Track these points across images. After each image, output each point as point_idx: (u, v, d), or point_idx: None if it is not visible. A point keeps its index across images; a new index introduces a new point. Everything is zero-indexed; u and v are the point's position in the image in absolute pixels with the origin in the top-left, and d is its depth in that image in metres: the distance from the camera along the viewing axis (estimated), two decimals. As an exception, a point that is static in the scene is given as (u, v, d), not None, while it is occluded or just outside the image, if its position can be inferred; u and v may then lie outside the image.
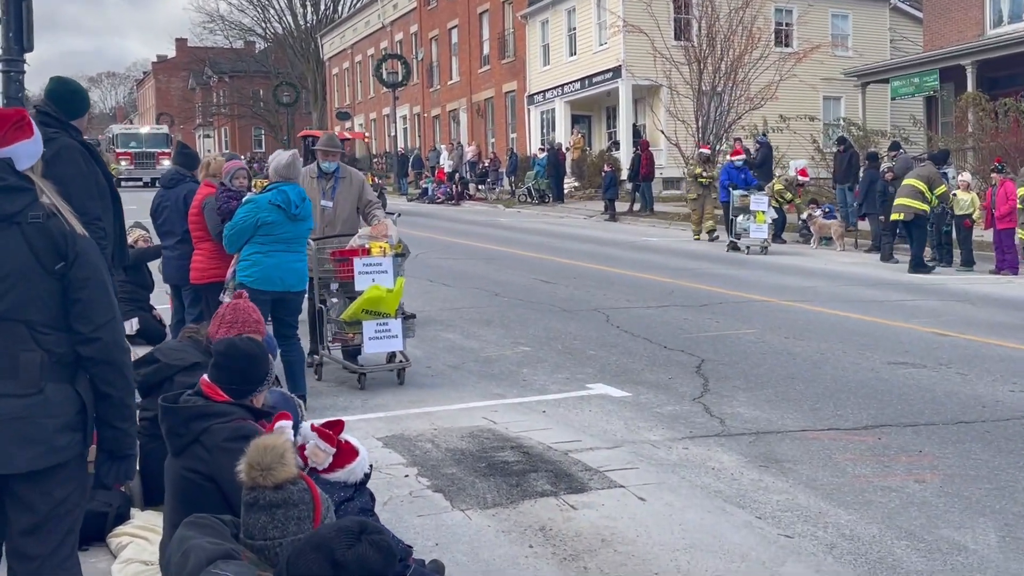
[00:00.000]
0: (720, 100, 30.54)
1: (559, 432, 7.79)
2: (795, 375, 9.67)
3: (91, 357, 3.56)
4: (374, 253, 9.23)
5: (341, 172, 10.08)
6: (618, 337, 11.59)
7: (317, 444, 4.65)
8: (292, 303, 8.35)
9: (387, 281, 9.17)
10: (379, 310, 9.11)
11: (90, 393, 3.58)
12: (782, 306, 13.77)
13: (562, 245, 22.54)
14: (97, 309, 3.56)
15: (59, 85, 6.11)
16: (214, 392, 4.64)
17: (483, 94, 49.14)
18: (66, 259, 3.53)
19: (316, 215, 9.82)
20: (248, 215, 8.13)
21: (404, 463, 7.00)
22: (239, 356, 4.69)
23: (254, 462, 3.84)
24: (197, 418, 4.52)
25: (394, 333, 9.20)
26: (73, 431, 3.55)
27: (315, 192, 9.88)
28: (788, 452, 7.26)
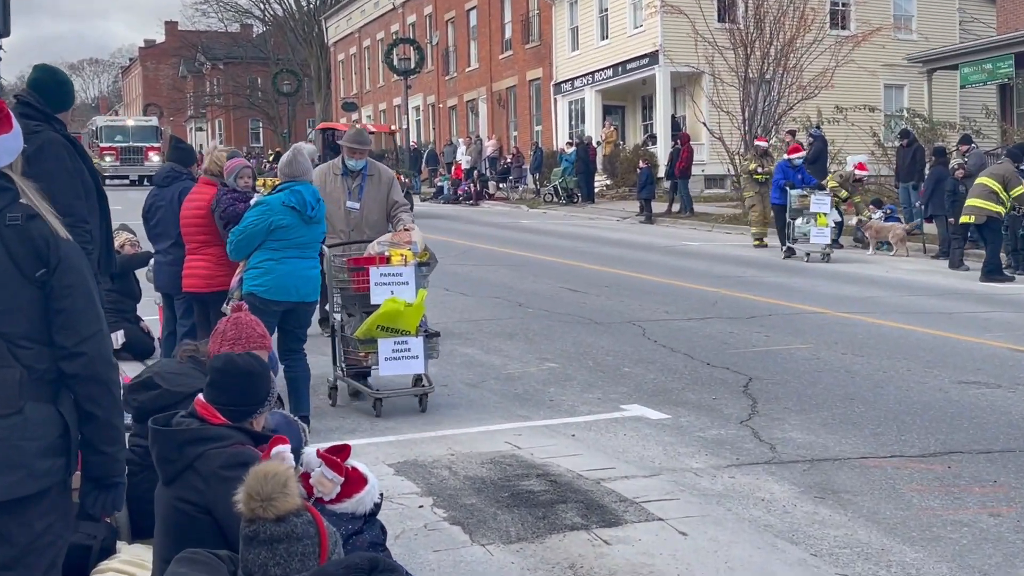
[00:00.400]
0: (769, 89, 30.43)
1: (590, 458, 7.77)
2: (854, 396, 9.63)
3: (75, 374, 3.57)
4: (394, 262, 9.04)
5: (369, 169, 10.00)
6: (655, 352, 11.57)
7: (323, 472, 4.65)
8: (303, 314, 8.40)
9: (407, 294, 8.97)
10: (397, 327, 8.88)
11: (74, 414, 3.60)
12: (839, 318, 13.71)
13: (592, 250, 22.51)
14: (82, 320, 3.58)
15: (44, 74, 6.15)
16: (210, 414, 4.66)
17: (505, 82, 49.23)
18: (48, 265, 3.55)
19: (340, 218, 9.86)
20: (260, 218, 8.16)
21: (418, 492, 7.00)
22: (237, 374, 4.71)
23: (254, 491, 3.84)
24: (191, 443, 4.53)
25: (414, 353, 8.96)
26: (55, 455, 3.56)
27: (339, 192, 9.83)
28: (847, 482, 7.21)
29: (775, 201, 21.79)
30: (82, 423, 3.61)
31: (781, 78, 30.14)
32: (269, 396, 4.80)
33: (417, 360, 9.00)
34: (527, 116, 47.96)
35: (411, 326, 8.92)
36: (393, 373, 9.11)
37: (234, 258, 8.48)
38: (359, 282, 9.12)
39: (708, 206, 32.97)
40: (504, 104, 49.82)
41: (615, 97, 42.42)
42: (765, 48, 30.25)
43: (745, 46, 30.42)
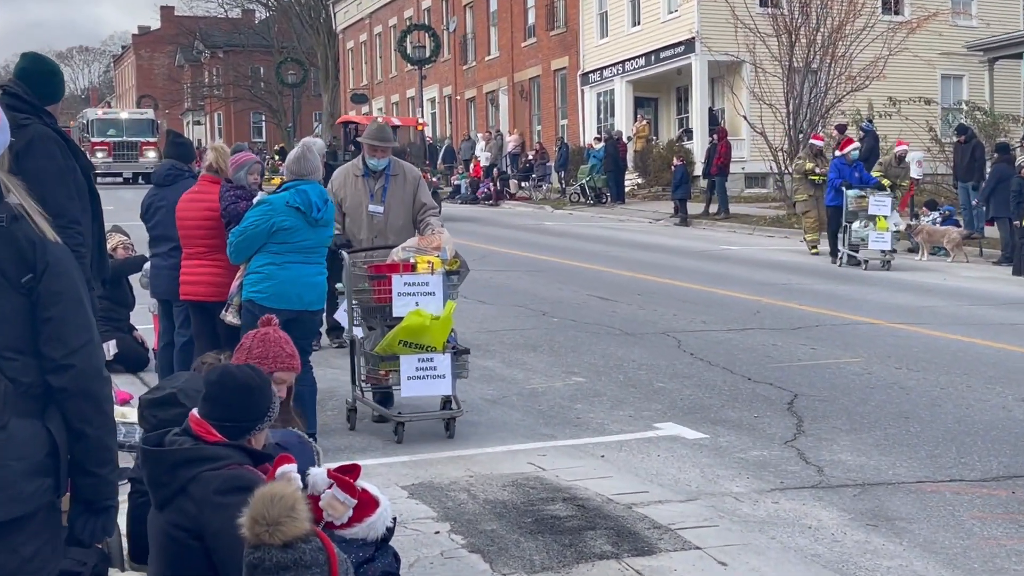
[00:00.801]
0: (815, 79, 30.41)
1: (621, 481, 7.75)
2: (909, 414, 9.59)
3: (63, 388, 3.57)
4: (420, 270, 8.78)
5: (393, 169, 9.77)
6: (692, 366, 11.55)
7: (335, 494, 4.64)
8: (308, 324, 8.39)
9: (433, 305, 8.70)
10: (421, 342, 8.66)
11: (63, 431, 3.60)
12: (892, 330, 13.66)
13: (623, 254, 22.49)
14: (71, 330, 3.58)
15: (33, 64, 6.18)
16: (204, 430, 4.65)
17: (528, 72, 49.28)
18: (35, 270, 3.55)
19: (362, 223, 9.66)
20: (261, 219, 8.17)
21: (434, 517, 7.00)
22: (235, 387, 4.70)
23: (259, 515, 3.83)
24: (184, 464, 4.52)
25: (440, 372, 8.71)
26: (43, 476, 3.57)
27: (361, 194, 9.65)
28: (901, 508, 7.18)
29: (830, 203, 21.08)
30: (71, 442, 3.61)
31: (829, 68, 30.12)
32: (270, 411, 4.80)
33: (444, 380, 8.75)
34: (552, 109, 47.99)
35: (437, 342, 8.71)
36: (416, 394, 8.89)
37: (234, 261, 8.49)
38: (380, 292, 8.87)
39: (749, 207, 32.91)
40: (527, 96, 49.87)
41: (647, 88, 42.40)
42: (811, 35, 30.22)
43: (790, 33, 30.41)
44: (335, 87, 71.20)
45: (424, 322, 8.59)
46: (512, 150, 45.13)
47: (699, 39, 36.19)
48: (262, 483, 4.52)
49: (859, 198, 20.43)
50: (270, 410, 4.79)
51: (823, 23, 30.22)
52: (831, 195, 20.95)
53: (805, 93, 30.31)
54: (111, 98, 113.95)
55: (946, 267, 20.70)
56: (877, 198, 20.36)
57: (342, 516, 4.65)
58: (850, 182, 20.62)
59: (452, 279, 9.00)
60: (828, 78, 30.24)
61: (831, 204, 21.04)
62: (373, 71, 67.17)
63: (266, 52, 79.27)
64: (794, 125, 30.02)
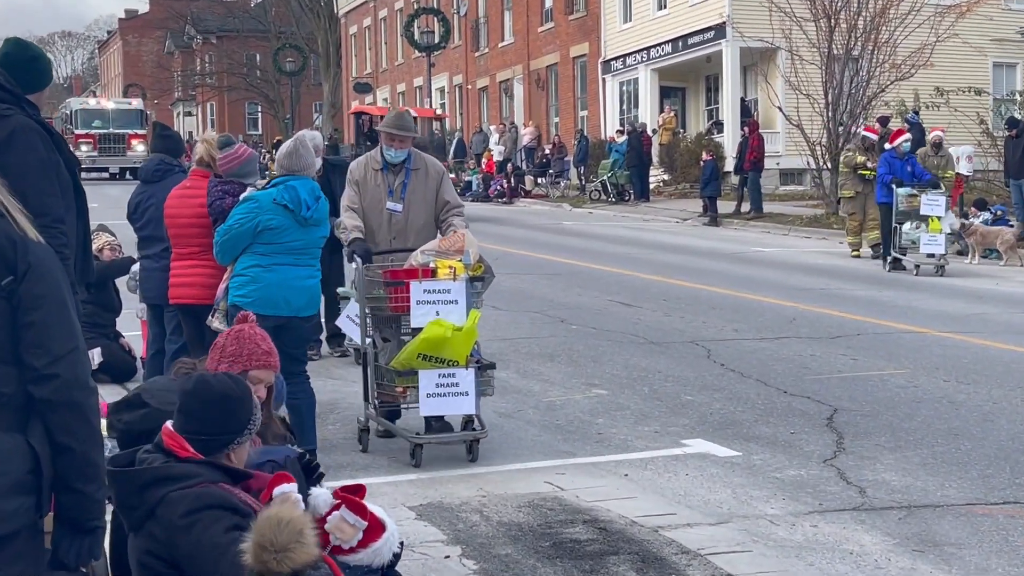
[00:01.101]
0: (856, 68, 30.34)
1: (646, 502, 7.75)
2: (959, 431, 9.56)
3: (46, 399, 3.58)
4: (440, 275, 8.54)
5: (414, 163, 9.48)
6: (722, 378, 11.54)
7: (344, 516, 4.63)
8: (299, 331, 8.39)
9: (455, 315, 8.50)
10: (442, 355, 8.44)
11: (46, 446, 3.61)
12: (940, 339, 13.63)
13: (647, 256, 22.48)
14: (54, 337, 3.59)
15: (15, 49, 6.16)
16: (178, 445, 4.63)
17: (545, 60, 49.32)
18: (15, 272, 3.56)
19: (380, 222, 9.39)
20: (246, 217, 8.17)
21: (444, 540, 7.00)
22: (211, 397, 4.69)
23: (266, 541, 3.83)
24: (152, 484, 4.49)
25: (463, 389, 8.50)
26: (24, 494, 3.57)
27: (378, 191, 9.39)
28: (950, 532, 7.16)
29: (880, 200, 20.70)
30: (55, 456, 3.62)
31: (871, 55, 30.03)
32: (250, 423, 4.77)
33: (467, 398, 8.54)
34: (570, 99, 48.01)
35: (460, 355, 8.50)
36: (437, 413, 8.73)
37: (221, 262, 8.50)
38: (397, 300, 8.69)
39: (784, 205, 32.86)
40: (544, 85, 49.90)
41: (674, 77, 42.39)
42: (852, 19, 30.14)
43: (829, 17, 30.34)
44: (336, 75, 71.35)
45: (445, 333, 8.38)
46: (527, 144, 45.12)
47: (730, 24, 36.16)
48: (235, 501, 4.50)
49: (911, 196, 20.04)
50: (250, 422, 4.77)
51: (865, 7, 30.15)
52: (881, 192, 20.58)
53: (845, 82, 30.22)
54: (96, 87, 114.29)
55: (999, 271, 20.65)
56: (930, 197, 19.90)
57: (351, 540, 4.63)
58: (901, 178, 20.23)
59: (476, 286, 8.82)
60: (870, 66, 30.16)
61: (882, 202, 20.68)
62: (378, 58, 67.27)
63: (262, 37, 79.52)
64: (833, 117, 29.94)
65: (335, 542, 4.60)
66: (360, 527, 4.62)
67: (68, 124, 55.16)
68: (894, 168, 20.37)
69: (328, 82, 71.00)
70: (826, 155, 29.71)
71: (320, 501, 4.66)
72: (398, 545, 4.86)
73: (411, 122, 9.70)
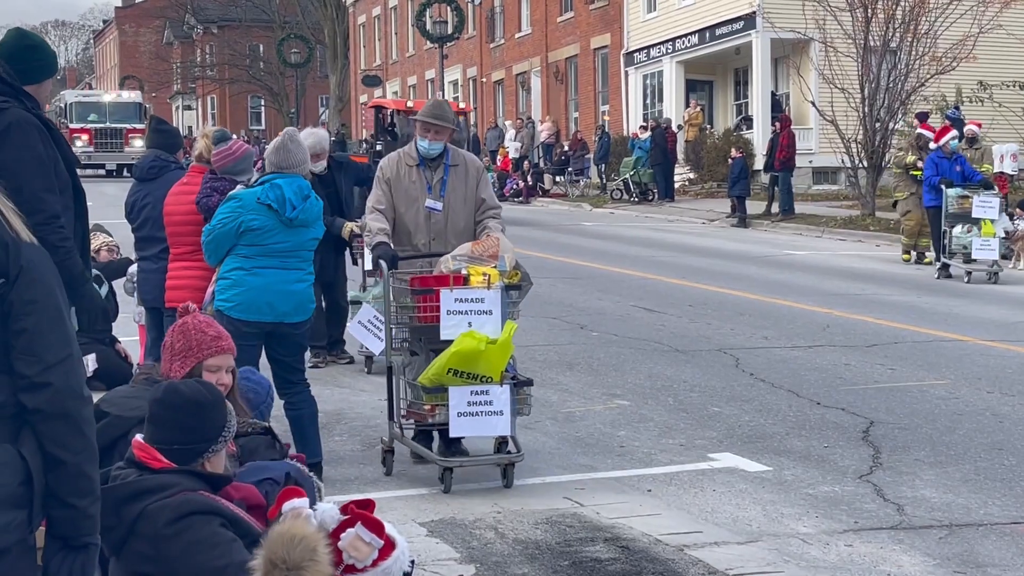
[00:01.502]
0: (895, 60, 30.29)
1: (671, 519, 7.74)
2: (1003, 445, 9.53)
3: (38, 409, 3.58)
4: (473, 283, 8.26)
5: (452, 158, 9.09)
6: (752, 388, 11.53)
7: (359, 533, 4.62)
8: (291, 339, 8.35)
9: (490, 326, 8.17)
10: (475, 371, 8.11)
11: (39, 457, 3.61)
12: (982, 347, 13.60)
13: (672, 259, 22.47)
14: (47, 344, 3.60)
15: (14, 39, 6.22)
16: (149, 456, 4.64)
17: (564, 51, 49.35)
18: (7, 275, 3.57)
19: (419, 223, 8.97)
20: (229, 217, 8.15)
21: (457, 558, 7.00)
22: (181, 405, 4.70)
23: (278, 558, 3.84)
24: (127, 500, 4.49)
25: (497, 408, 8.19)
26: (15, 508, 3.58)
27: (415, 188, 8.96)
28: (994, 553, 7.14)
29: (929, 203, 20.39)
30: (47, 469, 3.62)
31: (910, 47, 29.97)
32: (224, 430, 4.78)
33: (501, 418, 8.23)
34: (591, 93, 48.04)
35: (494, 371, 8.18)
36: (468, 434, 8.45)
37: (208, 263, 8.52)
38: (425, 309, 8.36)
39: (817, 206, 32.83)
40: (562, 78, 49.93)
41: (701, 70, 42.37)
42: (890, 9, 30.10)
43: (865, 6, 30.30)
44: (344, 67, 71.48)
45: (478, 346, 8.04)
46: (545, 140, 45.15)
47: (761, 13, 36.11)
48: (219, 506, 4.50)
49: (961, 198, 19.61)
50: (225, 429, 4.78)
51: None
52: (929, 194, 20.19)
53: (883, 76, 30.17)
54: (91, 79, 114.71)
55: (1044, 276, 20.59)
56: (982, 198, 19.52)
57: (366, 559, 4.62)
58: (950, 179, 19.88)
59: (512, 295, 8.51)
60: (909, 59, 30.11)
61: (930, 205, 20.29)
62: (387, 49, 67.37)
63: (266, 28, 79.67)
64: (870, 113, 29.89)
65: (348, 561, 4.58)
66: (376, 546, 4.61)
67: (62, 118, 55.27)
68: (941, 168, 20.02)
69: (335, 74, 71.15)
70: (862, 153, 29.66)
71: (327, 517, 4.66)
72: (409, 564, 4.86)
73: (451, 112, 9.26)
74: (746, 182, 30.82)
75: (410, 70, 63.64)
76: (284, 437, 6.71)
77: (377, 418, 10.41)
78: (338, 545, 4.56)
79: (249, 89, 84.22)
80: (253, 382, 6.37)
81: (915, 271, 20.94)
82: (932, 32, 29.65)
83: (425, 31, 49.94)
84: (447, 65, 51.33)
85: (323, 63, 75.08)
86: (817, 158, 36.02)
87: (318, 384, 8.75)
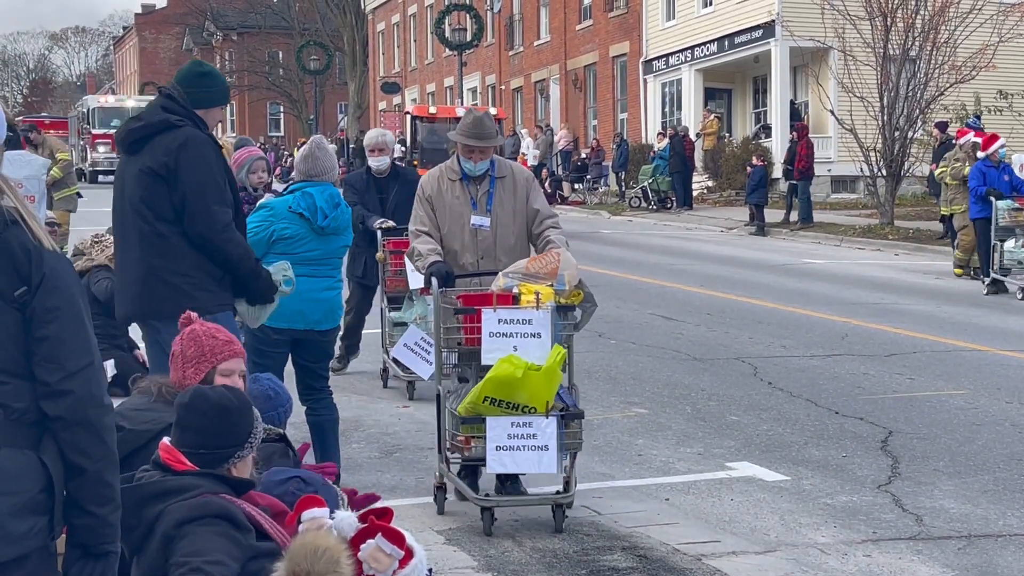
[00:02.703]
0: (914, 69, 30.23)
1: (688, 528, 7.74)
2: (1022, 456, 9.51)
3: (59, 416, 3.59)
4: (523, 301, 7.55)
5: (498, 170, 8.42)
6: (770, 397, 11.51)
7: (380, 544, 4.62)
8: (319, 346, 8.39)
9: (537, 351, 7.43)
10: (514, 400, 7.36)
11: (59, 465, 3.62)
12: (1002, 358, 13.57)
13: (690, 268, 22.45)
14: (68, 351, 3.60)
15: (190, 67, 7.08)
16: (174, 459, 4.65)
17: (583, 59, 49.35)
18: (29, 283, 3.57)
19: (465, 241, 8.33)
20: (260, 226, 8.20)
21: (474, 567, 7.00)
22: (208, 410, 4.71)
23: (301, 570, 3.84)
24: (149, 501, 4.50)
25: (541, 442, 7.40)
26: (36, 514, 3.58)
27: (459, 204, 8.33)
28: (1013, 564, 7.12)
29: (976, 215, 19.54)
30: (68, 477, 3.63)
31: (929, 56, 29.91)
32: (251, 436, 4.78)
33: (545, 453, 7.42)
34: (610, 101, 48.01)
35: (538, 401, 7.37)
36: (508, 471, 7.68)
37: None
38: (470, 331, 7.71)
39: (836, 214, 32.77)
40: (581, 86, 49.93)
41: (720, 78, 42.33)
42: (910, 18, 30.04)
43: (884, 15, 30.25)
44: (363, 74, 71.58)
45: (515, 373, 7.28)
46: (564, 147, 45.16)
47: (780, 22, 36.08)
48: (236, 512, 4.51)
49: (1014, 211, 18.83)
50: (251, 435, 4.79)
51: (923, 5, 30.04)
52: (977, 205, 19.41)
53: (902, 85, 30.12)
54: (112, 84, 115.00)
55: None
56: None
57: (387, 569, 4.61)
58: (999, 189, 19.14)
59: (571, 316, 7.79)
60: (928, 68, 30.04)
61: (977, 216, 19.47)
62: (406, 56, 67.46)
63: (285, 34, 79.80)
64: (889, 122, 29.83)
65: (368, 571, 4.57)
66: (397, 556, 4.61)
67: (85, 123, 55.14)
68: (989, 178, 19.26)
69: (354, 81, 71.21)
70: (881, 161, 29.61)
71: (345, 524, 4.65)
72: (426, 573, 4.86)
73: (492, 126, 8.47)
74: (765, 190, 30.77)
75: (428, 77, 63.70)
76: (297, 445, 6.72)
77: (395, 425, 10.46)
78: (358, 556, 4.55)
79: (268, 96, 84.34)
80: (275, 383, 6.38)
81: (932, 280, 20.86)
82: (952, 41, 29.59)
83: (444, 38, 49.96)
84: (466, 73, 51.36)
85: (342, 70, 75.17)
86: (836, 167, 35.96)
87: (335, 391, 8.75)
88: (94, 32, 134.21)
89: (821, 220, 31.08)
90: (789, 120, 36.71)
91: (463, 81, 50.57)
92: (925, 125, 29.76)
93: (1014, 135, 30.09)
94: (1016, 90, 30.37)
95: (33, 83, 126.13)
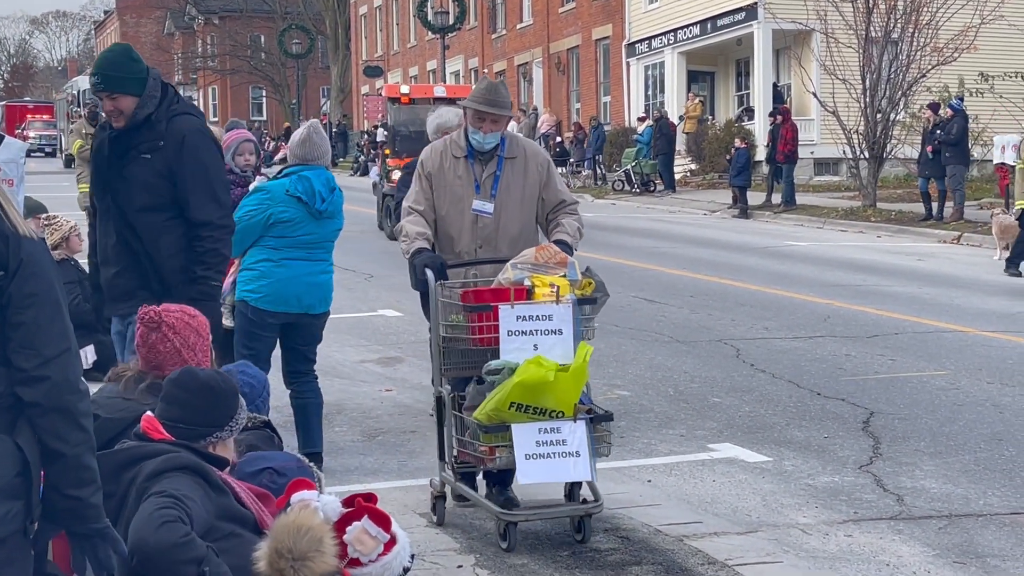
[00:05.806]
0: (896, 51, 30.25)
1: (671, 509, 7.76)
2: (1002, 435, 9.53)
3: (35, 402, 3.60)
4: (539, 295, 6.95)
5: (509, 149, 7.63)
6: (752, 379, 11.53)
7: (365, 527, 4.62)
8: (309, 329, 8.40)
9: (560, 349, 6.90)
10: (542, 405, 6.75)
11: (35, 447, 3.62)
12: (983, 338, 13.60)
13: (673, 251, 22.46)
14: (45, 337, 3.61)
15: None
16: (153, 428, 4.67)
17: (565, 42, 49.30)
18: (7, 268, 3.58)
19: (463, 226, 7.60)
20: (257, 209, 8.19)
21: (457, 549, 7.01)
22: (195, 387, 4.74)
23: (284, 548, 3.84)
24: (126, 465, 4.53)
25: (572, 448, 6.80)
26: (12, 498, 3.59)
27: (461, 185, 7.58)
28: (993, 543, 7.14)
29: None
30: (46, 462, 3.64)
31: (911, 38, 29.93)
32: (232, 421, 4.80)
33: (578, 459, 6.81)
34: (592, 84, 48.00)
35: (566, 404, 6.80)
36: (538, 480, 7.01)
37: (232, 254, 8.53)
38: (482, 330, 6.99)
39: (818, 197, 32.82)
40: (564, 69, 49.90)
41: (703, 61, 42.33)
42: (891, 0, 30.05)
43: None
44: (345, 58, 71.44)
45: (546, 376, 6.68)
46: (546, 130, 45.09)
47: (762, 4, 36.10)
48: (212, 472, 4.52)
49: None
50: (232, 419, 4.81)
51: (905, -14, 30.06)
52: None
53: (884, 67, 30.13)
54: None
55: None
56: None
57: (372, 552, 4.62)
58: None
59: (586, 309, 7.18)
60: (911, 50, 30.05)
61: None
62: (388, 40, 67.34)
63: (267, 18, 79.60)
64: (871, 104, 29.86)
65: (353, 554, 4.58)
66: (382, 540, 4.62)
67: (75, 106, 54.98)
68: None
69: (336, 65, 71.10)
70: (863, 144, 29.65)
71: (329, 508, 4.66)
72: (409, 559, 4.86)
73: (508, 97, 7.76)
74: (748, 173, 30.79)
75: (411, 61, 63.59)
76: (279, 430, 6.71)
77: (377, 409, 10.45)
78: (344, 538, 4.56)
79: (250, 80, 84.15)
80: (249, 376, 6.36)
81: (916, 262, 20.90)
82: (933, 23, 29.61)
83: (427, 22, 49.92)
84: (448, 56, 51.32)
85: (324, 54, 75.03)
86: (819, 149, 36.01)
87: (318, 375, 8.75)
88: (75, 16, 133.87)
89: (804, 202, 31.14)
90: (772, 102, 36.73)
91: (446, 64, 50.50)
92: (907, 107, 29.79)
93: (996, 117, 30.12)
94: (998, 72, 30.35)
95: (14, 68, 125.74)
